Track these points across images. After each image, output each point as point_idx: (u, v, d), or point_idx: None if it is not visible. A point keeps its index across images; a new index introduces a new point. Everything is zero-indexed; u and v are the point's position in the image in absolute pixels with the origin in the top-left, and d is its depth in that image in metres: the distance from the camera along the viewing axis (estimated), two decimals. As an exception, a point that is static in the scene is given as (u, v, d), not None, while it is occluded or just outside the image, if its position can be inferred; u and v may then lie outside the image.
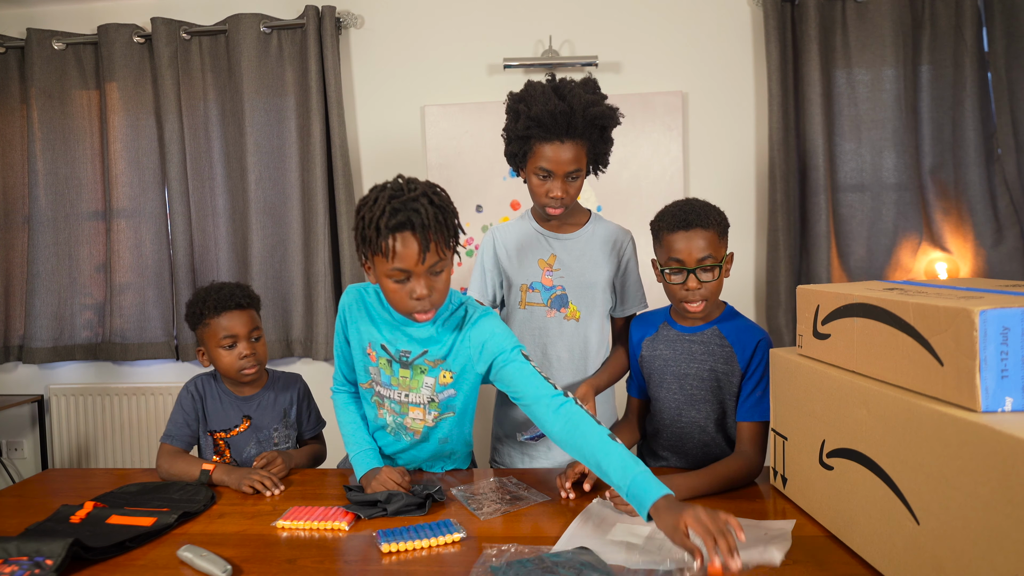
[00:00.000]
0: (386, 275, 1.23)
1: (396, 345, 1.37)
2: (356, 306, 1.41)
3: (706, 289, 1.41)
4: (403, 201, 1.19)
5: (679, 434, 1.51)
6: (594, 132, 1.51)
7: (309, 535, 1.20)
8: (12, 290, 2.90)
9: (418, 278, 1.22)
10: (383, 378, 1.39)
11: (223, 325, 1.57)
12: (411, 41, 2.76)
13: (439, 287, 1.25)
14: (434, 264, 1.22)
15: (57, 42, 2.78)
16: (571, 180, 1.53)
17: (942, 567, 0.85)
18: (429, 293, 1.23)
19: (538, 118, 1.46)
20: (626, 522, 1.19)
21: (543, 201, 1.55)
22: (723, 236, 1.44)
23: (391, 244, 1.19)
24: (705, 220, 1.40)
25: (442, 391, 1.38)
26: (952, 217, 2.57)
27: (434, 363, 1.36)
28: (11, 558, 1.03)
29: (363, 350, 1.41)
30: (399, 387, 1.39)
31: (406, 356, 1.37)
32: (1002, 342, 0.80)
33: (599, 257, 1.63)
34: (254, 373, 1.61)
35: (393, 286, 1.24)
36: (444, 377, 1.37)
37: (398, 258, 1.20)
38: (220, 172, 2.80)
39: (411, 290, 1.23)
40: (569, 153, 1.49)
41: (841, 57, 2.58)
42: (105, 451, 2.91)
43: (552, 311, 1.62)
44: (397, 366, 1.37)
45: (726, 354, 1.45)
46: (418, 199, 1.20)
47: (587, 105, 1.47)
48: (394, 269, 1.21)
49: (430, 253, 1.20)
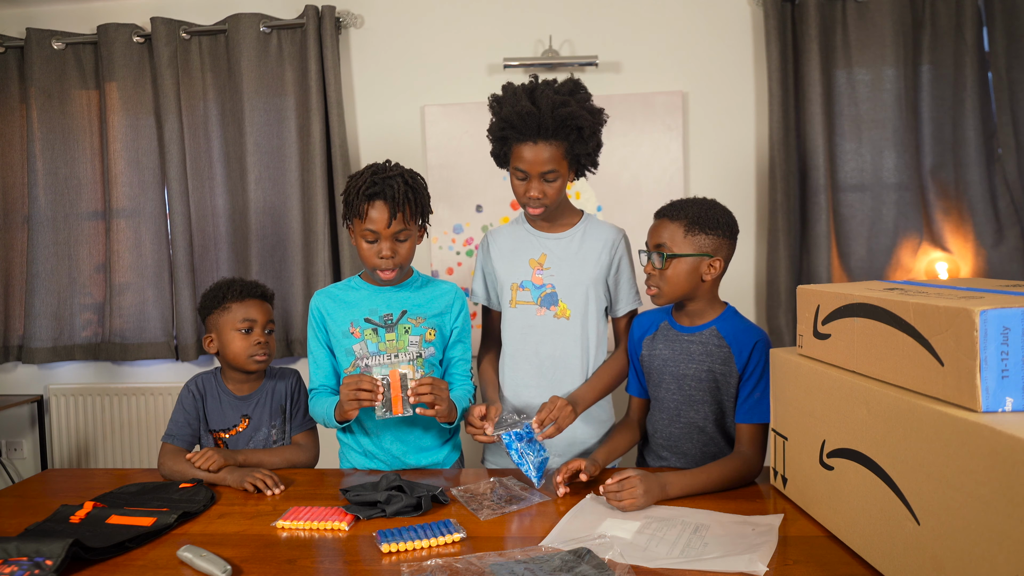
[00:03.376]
0: (360, 235, 1.52)
1: (379, 312, 1.58)
2: (327, 303, 1.62)
3: (657, 277, 1.47)
4: (382, 177, 1.49)
5: (678, 434, 1.51)
6: (570, 133, 1.51)
7: (309, 535, 1.20)
8: (12, 290, 2.90)
9: (385, 240, 1.50)
10: (370, 348, 1.57)
11: (245, 310, 1.64)
12: (411, 41, 2.76)
13: (402, 252, 1.53)
14: (399, 231, 1.50)
15: (57, 42, 2.78)
16: (548, 181, 1.55)
17: (942, 567, 0.85)
18: (392, 255, 1.51)
19: (508, 119, 1.52)
20: (617, 517, 1.21)
21: (523, 201, 1.59)
22: (695, 232, 1.43)
23: (366, 208, 1.48)
24: (674, 212, 1.46)
25: (428, 347, 1.59)
26: (952, 217, 2.56)
27: (416, 321, 1.58)
28: (11, 558, 1.03)
29: (344, 334, 1.58)
30: (388, 351, 1.57)
31: (389, 319, 1.58)
32: (1002, 342, 0.80)
33: (590, 256, 1.64)
34: (264, 361, 1.65)
35: (365, 245, 1.52)
36: (429, 334, 1.59)
37: (370, 220, 1.49)
38: (220, 172, 2.80)
39: (378, 250, 1.51)
40: (543, 154, 1.51)
41: (841, 57, 2.58)
42: (105, 451, 2.91)
43: (542, 309, 1.63)
44: (383, 331, 1.58)
45: (724, 355, 1.45)
46: (394, 177, 1.49)
47: (556, 106, 1.48)
48: (366, 230, 1.50)
49: (396, 220, 1.48)
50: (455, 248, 2.76)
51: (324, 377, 1.62)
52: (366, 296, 1.60)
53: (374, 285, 1.61)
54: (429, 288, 1.64)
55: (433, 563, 1.02)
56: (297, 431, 1.70)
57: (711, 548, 1.07)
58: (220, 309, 1.65)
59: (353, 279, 1.66)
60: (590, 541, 1.08)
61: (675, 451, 1.52)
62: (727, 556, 1.04)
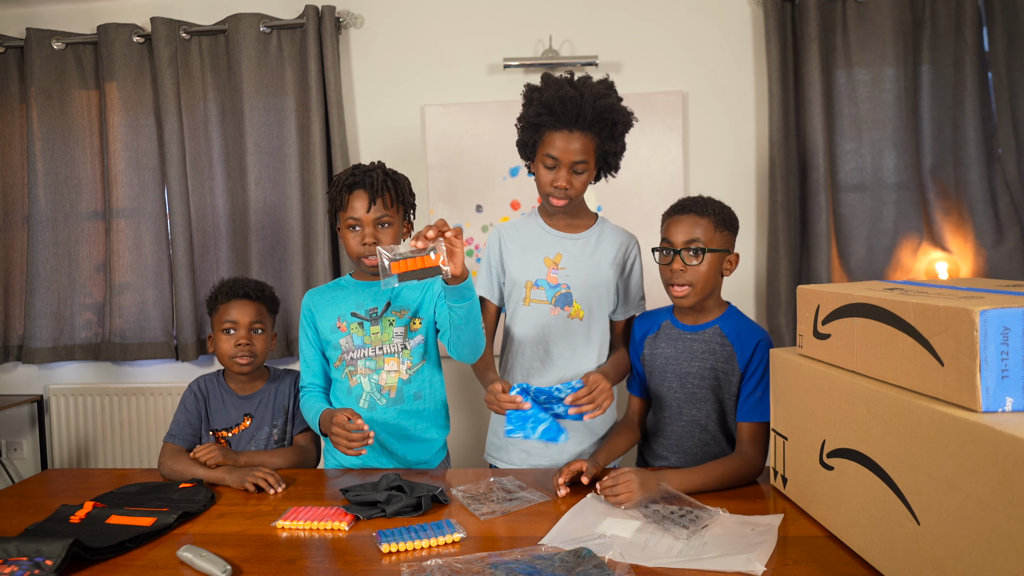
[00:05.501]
0: (345, 225, 1.56)
1: (365, 306, 1.61)
2: (316, 301, 1.65)
3: (691, 273, 1.43)
4: (363, 170, 1.57)
5: (679, 432, 1.51)
6: (603, 127, 1.53)
7: (309, 535, 1.20)
8: (12, 290, 2.90)
9: (367, 226, 1.54)
10: (356, 341, 1.59)
11: (228, 311, 1.65)
12: (411, 41, 2.76)
13: (384, 239, 1.56)
14: (380, 216, 1.54)
15: (57, 42, 2.78)
16: (577, 173, 1.55)
17: (942, 567, 0.85)
18: (374, 241, 1.54)
19: (549, 103, 1.51)
20: (616, 516, 1.21)
21: (548, 191, 1.57)
22: (721, 228, 1.45)
23: (347, 198, 1.54)
24: (701, 208, 1.45)
25: (413, 337, 1.60)
26: (952, 217, 2.56)
27: (401, 313, 1.60)
28: (11, 558, 1.03)
29: (331, 329, 1.61)
30: (372, 344, 1.59)
31: (375, 312, 1.60)
32: (1002, 342, 0.80)
33: (605, 258, 1.64)
34: (245, 364, 1.64)
35: (349, 234, 1.56)
36: (415, 324, 1.61)
37: (351, 208, 1.54)
38: (220, 172, 2.79)
39: (361, 237, 1.55)
40: (577, 143, 1.52)
41: (841, 57, 2.58)
42: (105, 451, 2.90)
43: (556, 309, 1.63)
44: (368, 324, 1.60)
45: (727, 353, 1.45)
46: (374, 170, 1.56)
47: (598, 96, 1.50)
48: (349, 218, 1.55)
49: (376, 206, 1.53)
50: (455, 248, 2.76)
51: (313, 376, 1.64)
52: (353, 292, 1.63)
53: (362, 281, 1.64)
54: None
55: (433, 563, 1.02)
56: (299, 432, 1.70)
57: (710, 548, 1.07)
58: (214, 310, 1.69)
59: (344, 278, 1.69)
60: (590, 541, 1.08)
61: (676, 450, 1.52)
62: (726, 556, 1.04)
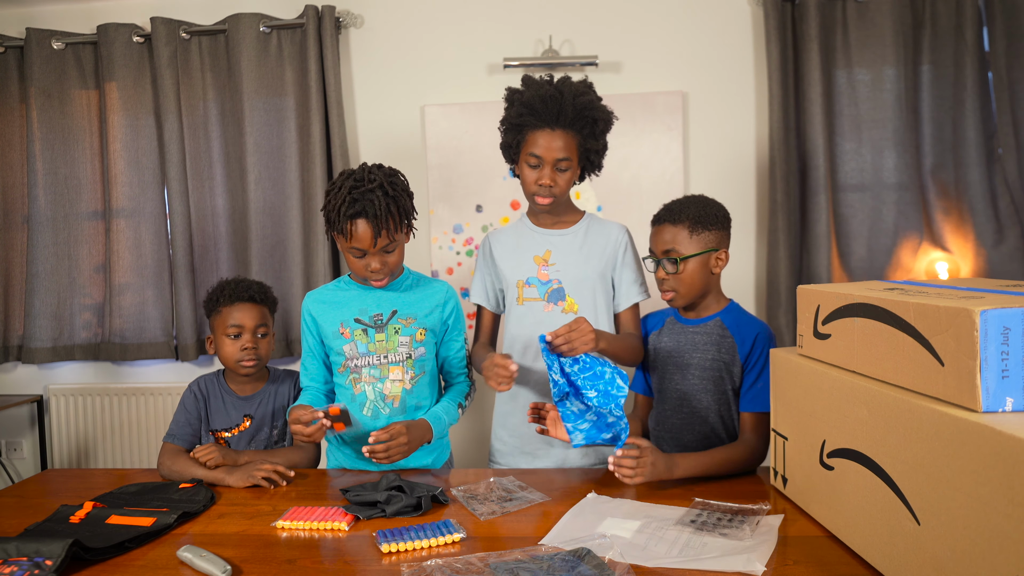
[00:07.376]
0: (347, 251, 1.50)
1: (369, 312, 1.57)
2: (317, 305, 1.60)
3: (673, 280, 1.49)
4: (361, 192, 1.43)
5: (680, 424, 1.53)
6: (584, 125, 1.56)
7: (309, 535, 1.20)
8: (11, 290, 2.90)
9: (372, 256, 1.48)
10: (360, 348, 1.55)
11: (233, 315, 1.64)
12: (411, 41, 2.76)
13: (391, 261, 1.51)
14: (386, 245, 1.48)
15: (56, 42, 2.78)
16: (560, 171, 1.57)
17: (942, 567, 0.84)
18: (382, 267, 1.49)
19: (530, 103, 1.54)
20: (616, 516, 1.21)
21: (533, 190, 1.59)
22: (699, 230, 1.48)
23: (349, 228, 1.45)
24: (675, 215, 1.49)
25: (417, 347, 1.57)
26: (953, 217, 2.56)
27: (407, 322, 1.56)
28: (11, 558, 1.03)
29: (334, 334, 1.57)
30: (377, 352, 1.55)
31: (379, 319, 1.56)
32: (1003, 342, 0.80)
33: (593, 250, 1.65)
34: (251, 367, 1.63)
35: (353, 259, 1.51)
36: (420, 335, 1.57)
37: (355, 239, 1.46)
38: (220, 172, 2.79)
39: (367, 264, 1.49)
40: (559, 141, 1.55)
41: (841, 57, 2.58)
42: (104, 451, 2.90)
43: (549, 305, 1.63)
44: (373, 332, 1.56)
45: (728, 344, 1.49)
46: (374, 191, 1.43)
47: (577, 94, 1.54)
48: (351, 248, 1.48)
49: (381, 238, 1.46)
50: (455, 248, 2.76)
51: (311, 378, 1.64)
52: (356, 296, 1.59)
53: (364, 285, 1.60)
54: (420, 287, 1.63)
55: (433, 563, 1.02)
56: None
57: (710, 548, 1.07)
58: (215, 312, 1.67)
59: (343, 279, 1.65)
60: (590, 541, 1.08)
61: (676, 442, 1.54)
62: (726, 556, 1.04)
